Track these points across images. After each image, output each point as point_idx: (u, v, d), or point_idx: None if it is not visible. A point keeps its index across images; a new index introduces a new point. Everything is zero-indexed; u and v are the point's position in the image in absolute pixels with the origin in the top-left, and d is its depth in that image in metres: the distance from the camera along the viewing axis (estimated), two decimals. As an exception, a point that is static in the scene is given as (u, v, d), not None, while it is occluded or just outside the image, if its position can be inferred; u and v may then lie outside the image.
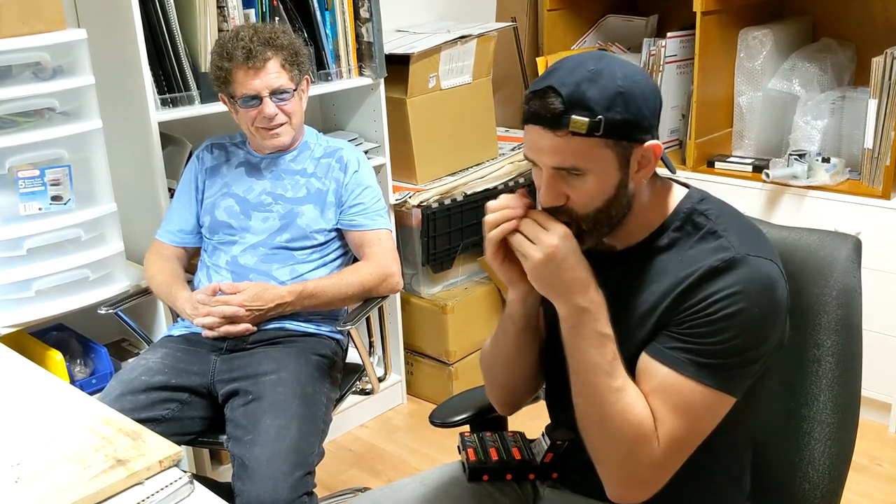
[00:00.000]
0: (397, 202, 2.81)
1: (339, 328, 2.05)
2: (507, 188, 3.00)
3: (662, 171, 1.31)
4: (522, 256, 1.18)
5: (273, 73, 2.00)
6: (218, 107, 2.24)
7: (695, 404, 1.16)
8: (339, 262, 2.16)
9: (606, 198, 1.17)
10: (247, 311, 1.97)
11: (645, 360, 1.20)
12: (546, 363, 1.39)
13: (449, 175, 2.96)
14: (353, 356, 2.17)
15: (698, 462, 1.23)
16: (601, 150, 1.14)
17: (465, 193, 2.91)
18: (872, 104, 2.53)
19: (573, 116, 1.11)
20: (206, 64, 2.25)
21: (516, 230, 1.18)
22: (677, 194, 1.27)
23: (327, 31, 2.58)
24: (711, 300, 1.15)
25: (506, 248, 1.22)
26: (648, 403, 1.18)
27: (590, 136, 1.12)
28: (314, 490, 1.75)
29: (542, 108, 1.13)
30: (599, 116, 1.11)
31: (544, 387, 1.45)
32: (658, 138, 1.19)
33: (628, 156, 1.16)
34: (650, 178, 1.23)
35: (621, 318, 1.22)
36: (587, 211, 1.18)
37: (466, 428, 1.60)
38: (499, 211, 1.20)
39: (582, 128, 1.11)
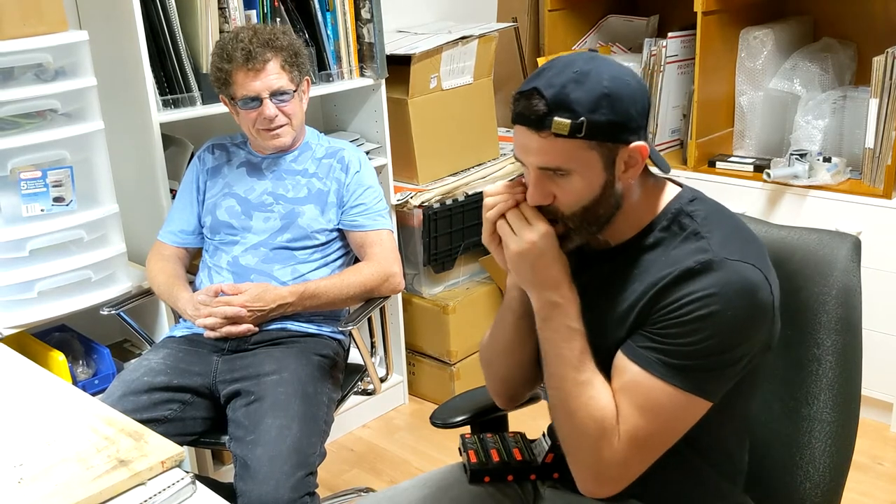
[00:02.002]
0: (399, 202, 2.81)
1: (340, 328, 2.05)
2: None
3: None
4: (504, 244, 1.22)
5: (273, 75, 2.01)
6: (219, 108, 2.24)
7: (662, 404, 1.17)
8: (340, 262, 2.16)
9: (593, 197, 1.18)
10: (248, 311, 1.97)
11: (619, 357, 1.21)
12: None
13: (450, 175, 2.96)
14: (354, 356, 2.17)
15: (687, 461, 1.24)
16: (585, 152, 1.14)
17: (467, 194, 2.91)
18: (873, 103, 2.53)
19: (555, 118, 1.12)
20: (207, 65, 2.25)
21: (504, 217, 1.22)
22: (669, 193, 1.27)
23: (328, 32, 2.59)
24: (684, 301, 1.15)
25: None
26: (616, 400, 1.19)
27: (572, 137, 1.12)
28: (316, 490, 1.75)
29: (526, 109, 1.14)
30: (582, 118, 1.11)
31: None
32: (646, 139, 1.19)
33: (614, 157, 1.17)
34: (642, 177, 1.23)
35: (605, 314, 1.23)
36: (574, 210, 1.19)
37: (467, 428, 1.60)
38: (497, 195, 1.23)
39: (564, 129, 1.12)
